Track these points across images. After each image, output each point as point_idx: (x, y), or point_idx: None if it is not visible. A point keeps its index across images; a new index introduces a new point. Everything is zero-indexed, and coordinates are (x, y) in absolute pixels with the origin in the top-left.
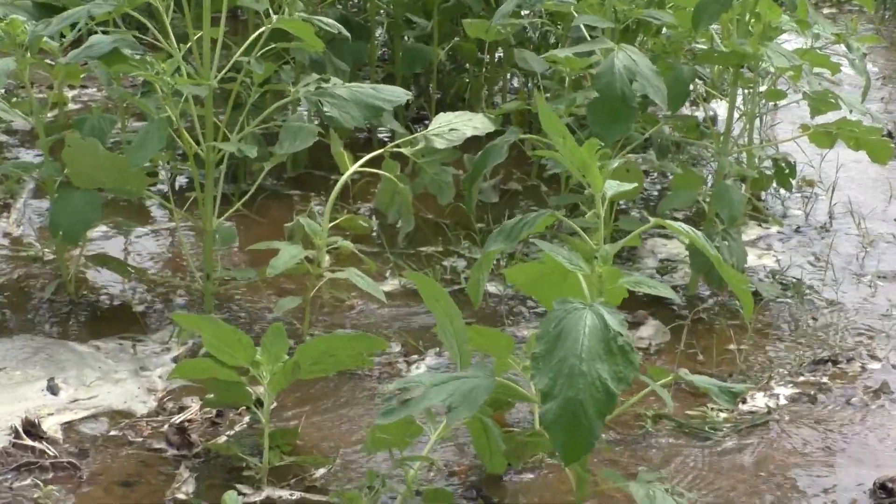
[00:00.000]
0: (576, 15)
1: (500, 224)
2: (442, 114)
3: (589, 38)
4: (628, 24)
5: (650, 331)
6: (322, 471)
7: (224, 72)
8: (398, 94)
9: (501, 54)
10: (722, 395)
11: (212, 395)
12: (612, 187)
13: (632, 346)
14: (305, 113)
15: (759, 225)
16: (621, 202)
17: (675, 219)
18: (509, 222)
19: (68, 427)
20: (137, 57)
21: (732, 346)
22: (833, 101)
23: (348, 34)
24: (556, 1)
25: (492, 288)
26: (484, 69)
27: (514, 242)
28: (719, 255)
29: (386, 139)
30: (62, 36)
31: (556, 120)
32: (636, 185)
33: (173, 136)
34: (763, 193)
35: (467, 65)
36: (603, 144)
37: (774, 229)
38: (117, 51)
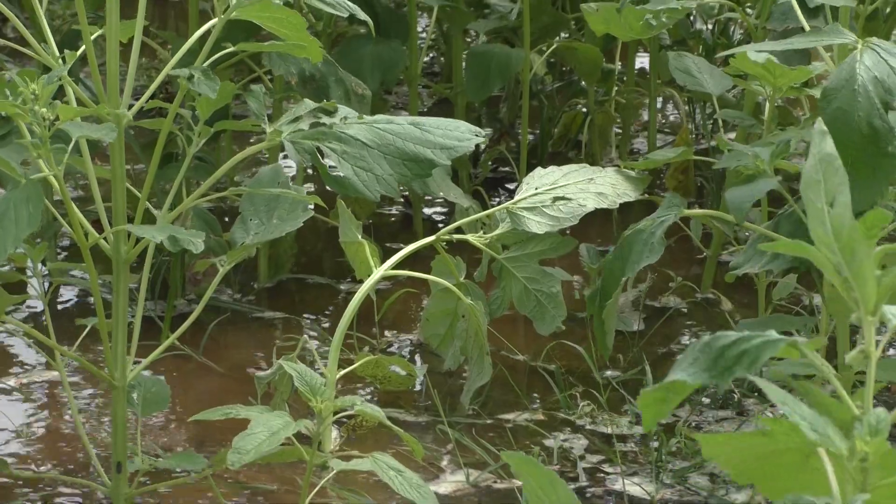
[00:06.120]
0: None
1: (694, 349)
2: (539, 169)
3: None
4: (877, 7)
5: None
6: None
7: (146, 98)
8: (461, 134)
9: (647, 62)
10: None
11: None
12: None
13: None
14: (291, 169)
15: None
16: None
17: None
18: (716, 341)
19: None
20: None
21: None
22: None
23: (368, 19)
24: None
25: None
26: (614, 90)
27: (725, 378)
28: None
29: (439, 218)
30: None
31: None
32: None
33: (54, 215)
34: None
35: (584, 82)
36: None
37: None
38: None
